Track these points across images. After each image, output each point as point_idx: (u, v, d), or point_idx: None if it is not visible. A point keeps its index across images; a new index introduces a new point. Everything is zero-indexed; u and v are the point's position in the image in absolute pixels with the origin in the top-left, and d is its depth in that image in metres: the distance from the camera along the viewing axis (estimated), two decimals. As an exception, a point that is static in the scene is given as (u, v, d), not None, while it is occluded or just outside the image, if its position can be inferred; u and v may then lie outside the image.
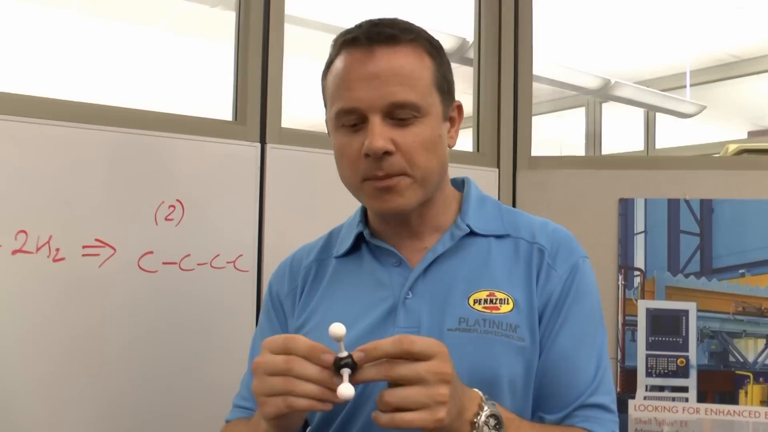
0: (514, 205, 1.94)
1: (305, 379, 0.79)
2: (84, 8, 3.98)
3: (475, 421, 0.83)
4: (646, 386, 1.91)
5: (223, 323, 1.53)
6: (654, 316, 1.93)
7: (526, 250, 1.03)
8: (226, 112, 1.65)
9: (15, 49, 4.06)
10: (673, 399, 1.90)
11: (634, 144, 6.02)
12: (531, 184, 2.06)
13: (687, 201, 1.95)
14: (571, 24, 4.48)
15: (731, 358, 1.90)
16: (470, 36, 2.26)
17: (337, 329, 0.79)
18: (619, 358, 1.93)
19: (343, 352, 0.79)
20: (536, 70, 2.15)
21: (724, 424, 1.88)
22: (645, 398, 1.91)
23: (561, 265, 1.01)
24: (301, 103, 2.46)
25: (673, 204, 1.96)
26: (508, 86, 2.11)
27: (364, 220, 1.08)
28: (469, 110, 1.58)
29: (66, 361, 1.33)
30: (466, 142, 1.83)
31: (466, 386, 0.85)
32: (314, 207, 1.65)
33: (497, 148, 2.09)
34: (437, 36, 1.03)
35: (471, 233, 1.03)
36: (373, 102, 0.94)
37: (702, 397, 1.90)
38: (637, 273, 1.95)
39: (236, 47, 1.67)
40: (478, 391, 0.86)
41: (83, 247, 1.36)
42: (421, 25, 1.02)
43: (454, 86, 1.04)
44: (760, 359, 1.89)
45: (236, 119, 1.64)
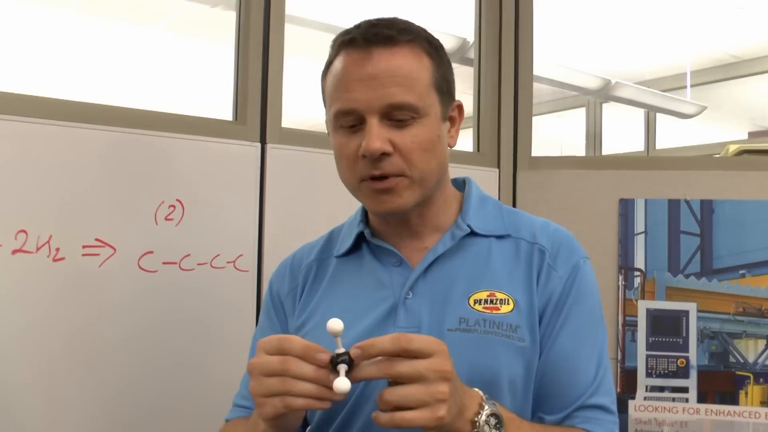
0: (514, 206, 1.94)
1: (302, 378, 0.79)
2: (84, 8, 3.98)
3: (476, 420, 0.83)
4: (647, 387, 1.91)
5: (223, 323, 1.53)
6: (654, 316, 1.93)
7: (527, 251, 1.02)
8: (226, 112, 1.65)
9: (15, 49, 4.05)
10: (674, 399, 1.90)
11: (635, 144, 6.02)
12: (531, 184, 2.06)
13: (687, 201, 1.95)
14: (571, 24, 4.48)
15: (731, 359, 1.90)
16: (471, 36, 2.26)
17: (335, 324, 0.79)
18: (619, 358, 1.93)
19: (340, 349, 0.80)
20: (537, 70, 2.15)
21: (724, 425, 1.88)
22: (645, 399, 1.91)
23: (562, 266, 1.01)
24: (301, 103, 2.46)
25: (674, 204, 1.96)
26: (509, 86, 2.11)
27: (365, 220, 1.08)
28: (469, 110, 1.58)
29: (65, 361, 1.33)
30: (466, 142, 1.83)
31: (466, 385, 0.85)
32: (314, 207, 1.65)
33: (497, 148, 2.09)
34: (437, 36, 1.03)
35: (472, 233, 1.03)
36: (371, 103, 0.94)
37: (702, 398, 1.90)
38: (637, 273, 1.95)
39: (236, 47, 1.67)
40: (478, 391, 0.86)
41: (83, 247, 1.36)
42: (421, 25, 1.02)
43: (454, 86, 1.04)
44: (760, 360, 1.89)
45: (236, 119, 1.64)
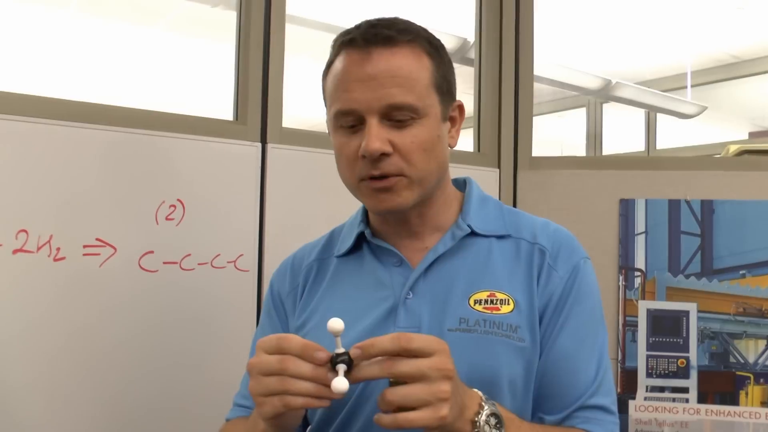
0: (514, 206, 1.93)
1: (300, 377, 0.79)
2: (84, 8, 3.98)
3: (476, 420, 0.83)
4: (647, 387, 1.91)
5: (223, 323, 1.53)
6: (654, 316, 1.93)
7: (527, 251, 1.02)
8: (227, 112, 1.65)
9: (15, 49, 4.06)
10: (674, 400, 1.90)
11: (635, 144, 6.02)
12: (532, 184, 2.06)
13: (688, 201, 1.95)
14: (572, 24, 4.48)
15: (732, 359, 1.90)
16: (471, 36, 2.26)
17: (335, 324, 0.79)
18: (619, 358, 1.93)
19: (340, 348, 0.80)
20: (537, 70, 2.15)
21: (725, 425, 1.88)
22: (645, 399, 1.91)
23: (562, 266, 1.01)
24: (302, 103, 2.46)
25: (674, 204, 1.96)
26: (509, 86, 2.11)
27: (365, 220, 1.08)
28: (469, 110, 1.58)
29: (66, 361, 1.33)
30: (466, 142, 1.83)
31: (465, 385, 0.85)
32: (315, 207, 1.65)
33: (498, 148, 2.09)
34: (438, 36, 1.03)
35: (472, 233, 1.03)
36: (370, 104, 0.94)
37: (702, 398, 1.90)
38: (637, 273, 1.95)
39: (237, 47, 1.67)
40: (477, 391, 0.86)
41: (84, 247, 1.36)
42: (422, 25, 1.02)
43: (455, 86, 1.04)
44: (760, 360, 1.89)
45: (237, 119, 1.64)
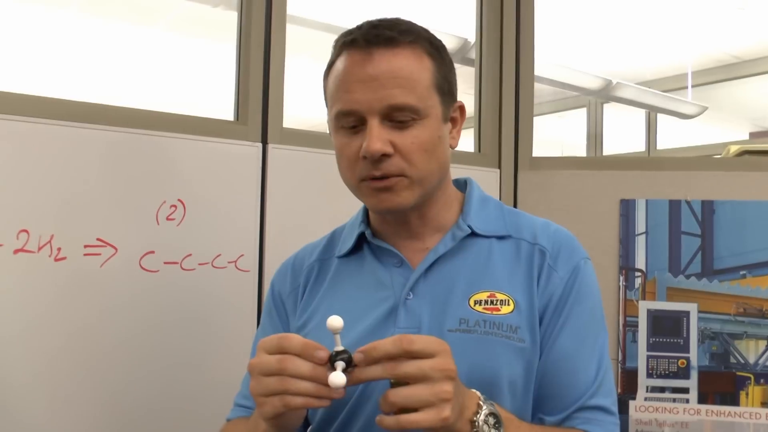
0: (515, 206, 1.94)
1: (299, 377, 0.79)
2: (84, 8, 3.98)
3: (475, 419, 0.83)
4: (647, 387, 1.91)
5: (224, 323, 1.53)
6: (655, 317, 1.93)
7: (528, 251, 1.03)
8: (227, 112, 1.66)
9: (15, 49, 4.06)
10: (674, 400, 1.90)
11: (636, 145, 6.02)
12: (532, 184, 2.06)
13: (688, 202, 1.95)
14: (572, 24, 4.48)
15: (732, 360, 1.90)
16: (472, 36, 2.26)
17: (335, 321, 0.80)
18: (619, 359, 1.93)
19: (339, 346, 0.80)
20: (538, 70, 2.15)
21: (725, 426, 1.88)
22: (646, 399, 1.91)
23: (562, 267, 1.01)
24: (302, 103, 2.46)
25: (675, 205, 1.96)
26: (510, 87, 2.11)
27: (366, 221, 1.08)
28: (470, 111, 1.58)
29: (66, 361, 1.33)
30: (467, 142, 1.83)
31: (464, 386, 0.85)
32: (315, 207, 1.65)
33: (498, 148, 2.09)
34: (438, 36, 1.03)
35: (472, 234, 1.03)
36: (371, 105, 0.94)
37: (703, 399, 1.90)
38: (638, 274, 1.95)
39: (238, 47, 1.67)
40: (476, 391, 0.86)
41: (85, 247, 1.36)
42: (422, 25, 1.02)
43: (456, 87, 1.04)
44: (761, 361, 1.89)
45: (238, 119, 1.64)
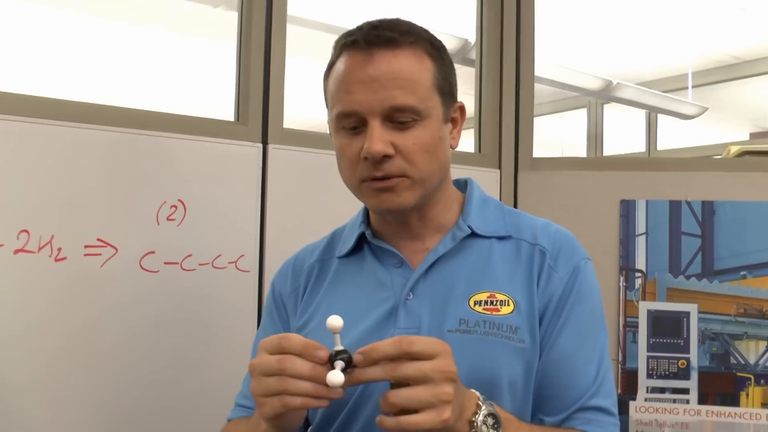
0: (515, 207, 1.94)
1: (299, 377, 0.79)
2: (85, 8, 3.98)
3: (474, 420, 0.83)
4: (647, 388, 1.91)
5: (224, 323, 1.53)
6: (655, 317, 1.93)
7: (528, 252, 1.03)
8: (228, 113, 1.66)
9: (16, 49, 4.06)
10: (674, 401, 1.90)
11: (636, 145, 6.02)
12: (532, 185, 2.06)
13: (688, 202, 1.95)
14: (572, 25, 4.48)
15: (732, 360, 1.90)
16: (472, 37, 2.26)
17: (334, 321, 0.80)
18: (620, 359, 1.93)
19: (339, 346, 0.80)
20: (538, 71, 2.15)
21: (725, 426, 1.88)
22: (646, 400, 1.91)
23: (562, 267, 1.01)
24: (303, 104, 2.47)
25: (675, 205, 1.96)
26: (510, 87, 2.11)
27: (366, 221, 1.08)
28: (470, 111, 1.58)
29: (67, 361, 1.33)
30: (467, 143, 1.83)
31: (464, 386, 0.85)
32: (316, 207, 1.65)
33: (499, 149, 2.10)
34: (439, 37, 1.03)
35: (473, 234, 1.03)
36: (373, 106, 0.94)
37: (703, 399, 1.90)
38: (638, 274, 1.95)
39: (238, 47, 1.67)
40: (475, 392, 0.86)
41: (85, 247, 1.36)
42: (422, 26, 1.02)
43: (456, 87, 1.04)
44: (761, 361, 1.89)
45: (238, 119, 1.64)
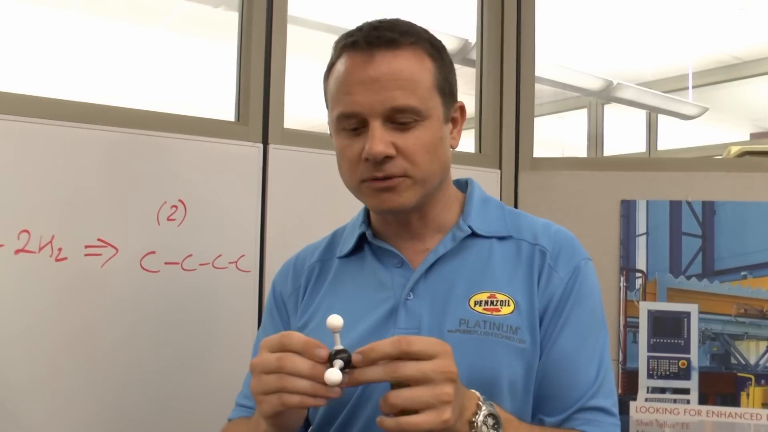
0: (515, 207, 1.94)
1: (298, 374, 0.79)
2: (85, 8, 3.98)
3: (474, 420, 0.83)
4: (648, 388, 1.91)
5: (225, 323, 1.53)
6: (655, 317, 1.93)
7: (528, 252, 1.03)
8: (228, 113, 1.66)
9: (16, 49, 4.06)
10: (675, 401, 1.90)
11: (636, 145, 6.02)
12: (533, 185, 2.06)
13: (689, 203, 1.95)
14: (573, 25, 4.48)
15: (733, 360, 1.90)
16: (473, 37, 2.26)
17: (334, 320, 0.80)
18: (620, 359, 1.93)
19: (339, 345, 0.80)
20: (538, 71, 2.15)
21: (726, 427, 1.88)
22: (646, 400, 1.91)
23: (563, 267, 1.01)
24: (303, 104, 2.46)
25: (675, 206, 1.96)
26: (511, 87, 2.11)
27: (367, 221, 1.08)
28: (471, 111, 1.58)
29: (67, 361, 1.33)
30: (468, 143, 1.83)
31: (464, 387, 0.85)
32: (316, 207, 1.65)
33: (499, 149, 2.10)
34: (439, 37, 1.03)
35: (473, 234, 1.03)
36: (374, 107, 0.94)
37: (703, 399, 1.90)
38: (638, 274, 1.95)
39: (239, 48, 1.67)
40: (475, 392, 0.86)
41: (85, 247, 1.36)
42: (422, 26, 1.02)
43: (456, 87, 1.04)
44: (761, 361, 1.89)
45: (239, 120, 1.64)
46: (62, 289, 1.33)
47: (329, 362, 0.79)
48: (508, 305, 0.98)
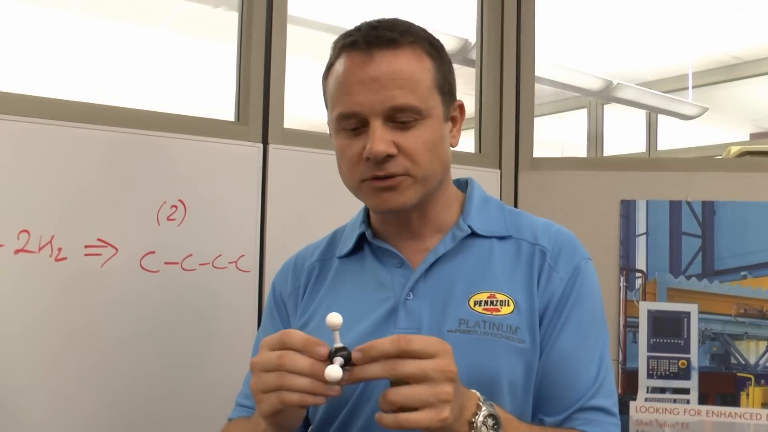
0: (515, 207, 1.93)
1: (297, 372, 0.79)
2: (86, 8, 3.98)
3: (473, 420, 0.83)
4: (648, 388, 1.91)
5: (224, 323, 1.53)
6: (655, 317, 1.93)
7: (528, 252, 1.03)
8: (228, 113, 1.66)
9: (16, 49, 4.06)
10: (675, 401, 1.90)
11: (636, 145, 6.02)
12: (533, 185, 2.06)
13: (689, 203, 1.95)
14: (573, 25, 4.48)
15: (733, 360, 1.90)
16: (472, 37, 2.26)
17: (334, 318, 0.80)
18: (620, 359, 1.93)
19: (339, 343, 0.80)
20: (538, 71, 2.15)
21: (726, 426, 1.88)
22: (646, 400, 1.91)
23: (563, 267, 1.01)
24: (303, 104, 2.47)
25: (675, 206, 1.96)
26: (510, 87, 2.11)
27: (367, 221, 1.08)
28: (471, 111, 1.58)
29: (67, 361, 1.33)
30: (468, 143, 1.83)
31: (464, 386, 0.85)
32: (316, 207, 1.65)
33: (499, 149, 2.10)
34: (439, 37, 1.03)
35: (473, 234, 1.03)
36: (374, 106, 0.94)
37: (703, 399, 1.90)
38: (638, 274, 1.95)
39: (239, 48, 1.67)
40: (475, 392, 0.86)
41: (85, 247, 1.36)
42: (422, 26, 1.02)
43: (455, 86, 1.04)
44: (761, 361, 1.89)
45: (239, 119, 1.64)
46: (62, 289, 1.33)
47: (329, 360, 0.79)
48: (508, 305, 0.98)
